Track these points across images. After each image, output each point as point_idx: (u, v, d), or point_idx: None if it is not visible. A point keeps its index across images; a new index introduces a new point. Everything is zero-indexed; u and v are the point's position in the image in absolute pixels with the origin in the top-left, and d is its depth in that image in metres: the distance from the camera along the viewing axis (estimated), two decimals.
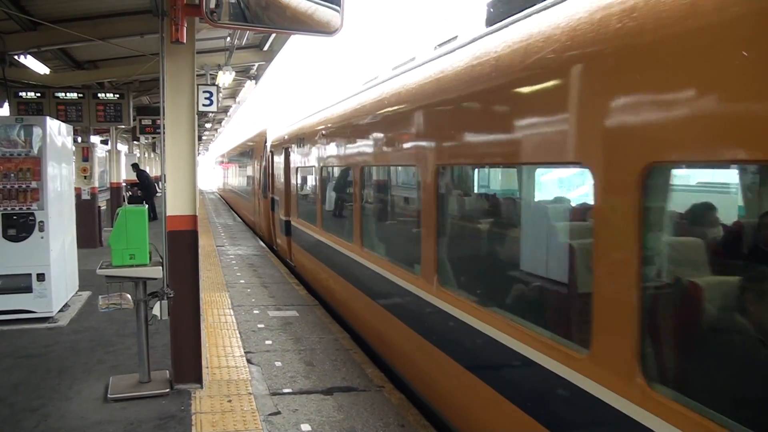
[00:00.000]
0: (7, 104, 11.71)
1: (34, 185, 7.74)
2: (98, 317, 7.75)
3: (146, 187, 21.27)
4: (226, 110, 25.62)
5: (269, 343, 7.19)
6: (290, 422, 5.00)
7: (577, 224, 3.58)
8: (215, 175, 47.11)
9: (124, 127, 15.98)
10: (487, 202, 5.02)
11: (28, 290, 7.70)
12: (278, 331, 7.73)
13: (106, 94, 13.14)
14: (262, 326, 7.92)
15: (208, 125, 33.13)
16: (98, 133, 19.63)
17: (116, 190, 18.93)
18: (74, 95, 12.74)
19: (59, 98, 12.59)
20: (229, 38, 10.96)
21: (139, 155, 29.60)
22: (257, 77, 15.39)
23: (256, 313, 8.64)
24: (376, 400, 5.51)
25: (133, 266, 5.41)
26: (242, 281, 10.98)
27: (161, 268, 5.43)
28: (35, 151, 7.74)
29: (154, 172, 34.26)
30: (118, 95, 13.20)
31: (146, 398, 5.36)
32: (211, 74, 13.01)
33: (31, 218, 7.73)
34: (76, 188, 11.05)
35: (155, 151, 36.17)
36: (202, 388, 5.59)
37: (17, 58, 9.81)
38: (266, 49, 12.26)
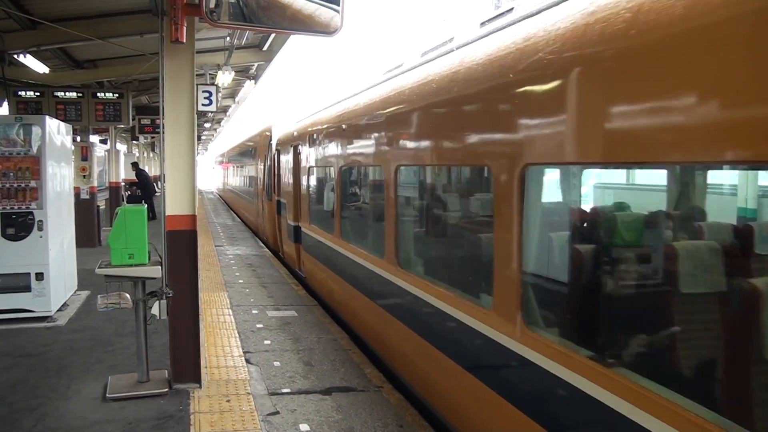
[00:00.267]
0: (6, 103, 11.70)
1: (33, 184, 7.74)
2: (97, 316, 7.75)
3: (145, 186, 21.28)
4: (225, 110, 25.63)
5: (268, 343, 7.20)
6: (289, 422, 5.01)
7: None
8: (215, 175, 46.99)
9: (123, 126, 15.96)
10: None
11: (26, 289, 7.70)
12: (277, 331, 7.73)
13: (105, 93, 13.12)
14: (260, 326, 7.92)
15: (207, 125, 33.14)
16: (97, 132, 19.59)
17: (115, 189, 18.91)
18: (73, 94, 12.72)
19: (58, 97, 12.56)
20: (228, 38, 10.97)
21: (138, 155, 29.57)
22: (257, 77, 15.39)
23: (254, 313, 8.64)
24: (374, 400, 5.52)
25: (132, 266, 5.42)
26: (241, 281, 10.98)
27: (160, 267, 5.43)
28: (34, 150, 7.74)
29: (153, 171, 34.24)
30: (117, 95, 13.18)
31: (145, 398, 5.36)
32: (210, 74, 13.02)
33: (30, 217, 7.73)
34: (75, 187, 11.02)
35: (154, 150, 36.16)
36: (200, 387, 5.59)
37: (17, 57, 9.81)
38: (266, 49, 12.26)
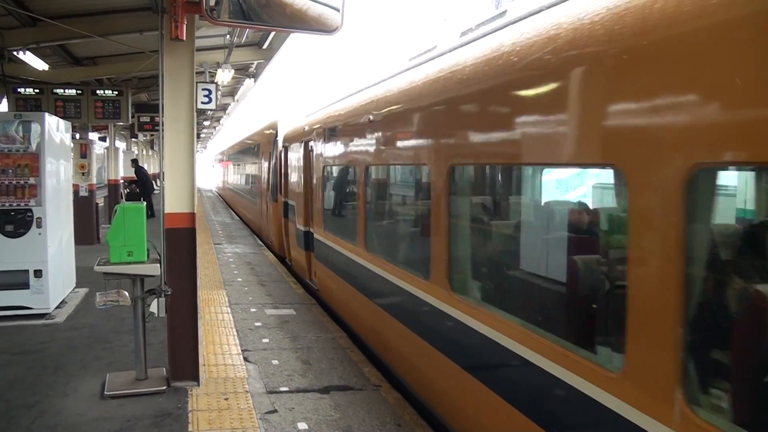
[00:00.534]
0: (5, 100, 11.69)
1: (32, 181, 7.74)
2: (95, 314, 7.75)
3: (144, 184, 21.28)
4: (224, 108, 25.64)
5: (266, 341, 7.20)
6: (287, 420, 5.01)
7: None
8: (214, 173, 46.85)
9: (122, 124, 15.99)
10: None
11: (25, 286, 7.70)
12: (275, 329, 7.73)
13: (104, 90, 13.12)
14: (259, 324, 7.92)
15: (206, 123, 33.14)
16: (96, 129, 19.61)
17: (114, 187, 18.89)
18: (73, 92, 12.72)
19: (58, 94, 12.57)
20: (228, 36, 10.96)
21: (137, 152, 29.56)
22: (256, 75, 15.39)
23: (253, 311, 8.64)
24: (373, 399, 5.52)
25: (130, 263, 5.41)
26: (239, 279, 10.98)
27: (159, 265, 5.43)
28: (33, 147, 7.74)
29: (152, 169, 34.22)
30: (116, 92, 13.18)
31: (143, 395, 5.36)
32: (210, 72, 13.01)
33: (28, 214, 7.72)
34: (73, 185, 11.01)
35: (153, 148, 36.15)
36: (198, 385, 5.59)
37: (16, 54, 9.81)
38: (266, 47, 12.26)
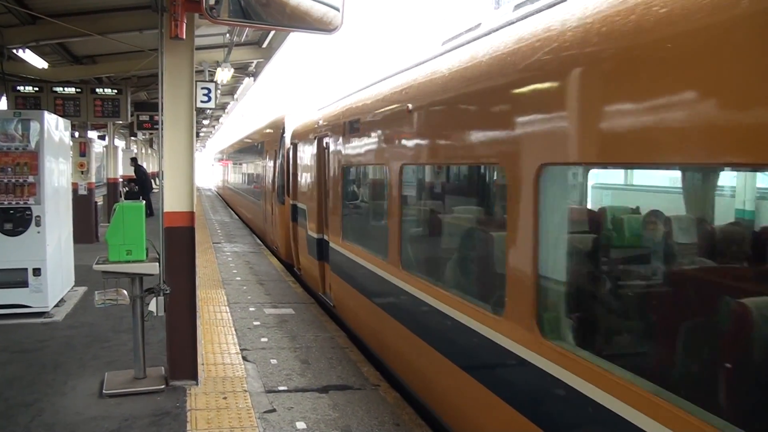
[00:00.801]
0: (5, 98, 11.68)
1: (31, 180, 7.73)
2: (94, 313, 7.74)
3: (143, 182, 21.26)
4: (224, 107, 25.61)
5: (265, 340, 7.20)
6: (285, 420, 5.01)
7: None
8: (214, 172, 46.74)
9: (121, 122, 15.94)
10: None
11: (23, 285, 7.70)
12: (274, 328, 7.73)
13: (104, 89, 13.11)
14: (257, 323, 7.92)
15: (205, 122, 33.10)
16: (96, 128, 19.58)
17: (113, 185, 18.89)
18: (72, 90, 12.71)
19: (57, 93, 12.55)
20: (228, 35, 10.95)
21: (136, 151, 29.53)
22: (256, 74, 15.38)
23: (251, 310, 8.64)
24: (371, 398, 5.52)
25: (129, 262, 5.41)
26: (238, 278, 10.98)
27: (158, 264, 5.42)
28: (33, 145, 7.73)
29: (151, 168, 34.19)
30: (116, 90, 13.16)
31: (141, 394, 5.36)
32: (209, 71, 13.00)
33: (27, 213, 7.72)
34: (73, 183, 11.01)
35: (152, 147, 36.11)
36: (197, 384, 5.59)
37: (15, 52, 9.80)
38: (265, 46, 12.25)
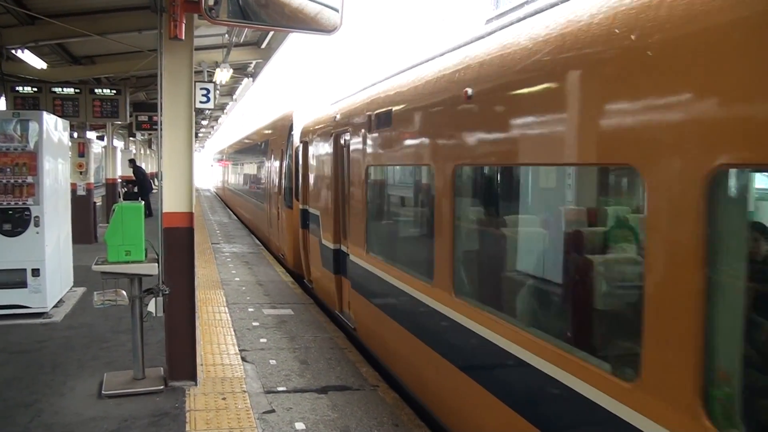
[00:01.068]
0: (3, 98, 11.66)
1: (30, 180, 7.73)
2: (93, 313, 7.73)
3: (142, 183, 21.23)
4: (222, 107, 25.59)
5: (264, 341, 7.19)
6: (284, 420, 5.01)
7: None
8: (213, 173, 46.66)
9: (120, 123, 15.93)
10: None
11: (22, 285, 7.69)
12: (273, 329, 7.73)
13: (102, 89, 13.09)
14: (256, 324, 7.92)
15: (204, 122, 33.10)
16: (94, 128, 19.57)
17: (112, 186, 18.88)
18: (71, 90, 12.70)
19: (56, 93, 12.53)
20: (227, 35, 10.95)
21: (135, 151, 29.51)
22: (255, 75, 15.38)
23: (250, 311, 8.64)
24: (370, 399, 5.52)
25: (128, 263, 5.41)
26: (237, 279, 10.97)
27: (157, 264, 5.42)
28: (31, 146, 7.72)
29: (150, 168, 34.16)
30: (114, 91, 13.15)
31: (140, 395, 5.36)
32: (208, 71, 13.00)
33: (26, 213, 7.71)
34: (71, 184, 11.00)
35: (151, 147, 36.09)
36: (196, 385, 5.59)
37: (14, 52, 9.79)
38: (264, 46, 12.25)
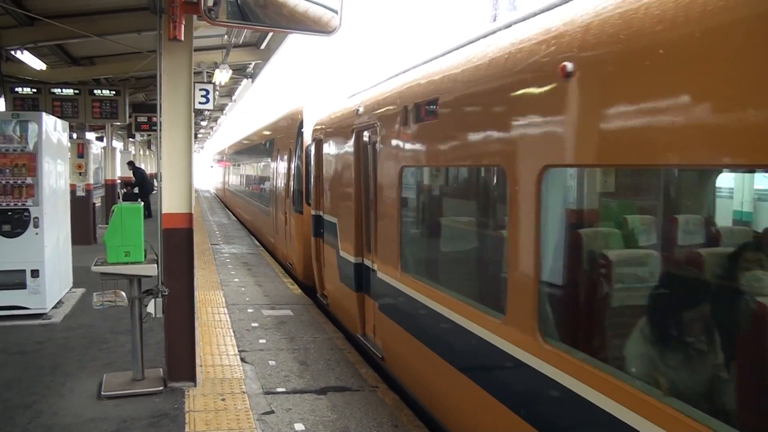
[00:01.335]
0: (3, 99, 11.66)
1: (29, 181, 7.72)
2: (92, 314, 7.72)
3: (142, 184, 21.20)
4: (222, 108, 25.60)
5: (263, 342, 7.19)
6: (284, 421, 5.01)
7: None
8: (213, 174, 46.60)
9: (119, 123, 15.94)
10: None
11: (22, 286, 7.68)
12: (272, 330, 7.73)
13: (102, 90, 13.10)
14: (256, 325, 7.92)
15: (203, 123, 33.09)
16: (94, 129, 19.57)
17: (111, 187, 18.88)
18: (70, 91, 12.70)
19: (55, 94, 12.54)
20: (226, 36, 10.96)
21: (134, 152, 29.51)
22: (254, 76, 15.39)
23: (250, 311, 8.64)
24: (369, 400, 5.52)
25: (128, 263, 5.41)
26: (236, 280, 10.97)
27: (156, 265, 5.42)
28: (31, 146, 7.72)
29: (149, 169, 34.14)
30: (114, 92, 13.15)
31: (140, 396, 5.36)
32: (207, 72, 13.00)
33: (26, 214, 7.71)
34: (71, 185, 10.99)
35: (150, 148, 36.08)
36: (195, 386, 5.59)
37: (13, 53, 9.79)
38: (263, 47, 12.26)
